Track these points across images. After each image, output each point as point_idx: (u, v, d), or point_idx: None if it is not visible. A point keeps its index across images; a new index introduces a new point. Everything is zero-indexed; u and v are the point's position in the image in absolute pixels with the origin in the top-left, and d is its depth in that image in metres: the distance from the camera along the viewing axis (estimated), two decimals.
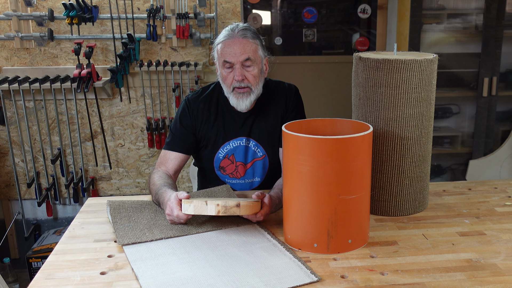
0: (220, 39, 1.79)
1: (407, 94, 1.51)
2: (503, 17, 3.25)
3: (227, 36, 1.77)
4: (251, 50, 1.76)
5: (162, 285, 1.17)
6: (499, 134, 3.57)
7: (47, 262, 1.31)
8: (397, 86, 1.51)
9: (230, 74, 1.78)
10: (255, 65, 1.78)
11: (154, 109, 3.21)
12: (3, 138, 3.18)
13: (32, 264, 2.94)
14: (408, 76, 1.50)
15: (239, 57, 1.74)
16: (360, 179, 1.32)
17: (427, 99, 1.55)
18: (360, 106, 1.61)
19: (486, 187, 1.85)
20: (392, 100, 1.52)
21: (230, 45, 1.75)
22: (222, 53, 1.77)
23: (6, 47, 3.07)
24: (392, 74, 1.50)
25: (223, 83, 1.82)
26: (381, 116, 1.55)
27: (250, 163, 1.91)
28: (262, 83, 1.84)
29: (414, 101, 1.52)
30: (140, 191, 3.34)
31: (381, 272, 1.23)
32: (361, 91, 1.60)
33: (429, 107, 1.57)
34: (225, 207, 1.39)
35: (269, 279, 1.19)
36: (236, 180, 1.92)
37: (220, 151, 1.89)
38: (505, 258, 1.29)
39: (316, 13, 3.79)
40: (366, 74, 1.56)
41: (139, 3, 3.07)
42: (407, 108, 1.52)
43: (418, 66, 1.50)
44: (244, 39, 1.76)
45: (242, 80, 1.76)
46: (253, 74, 1.78)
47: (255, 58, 1.77)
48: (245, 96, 1.79)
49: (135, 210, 1.59)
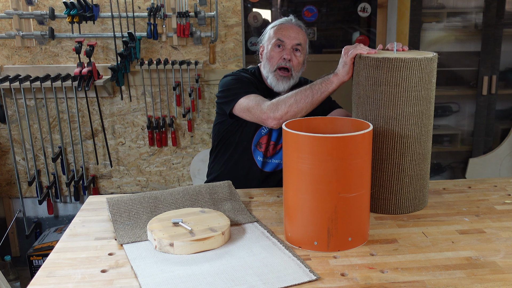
0: (277, 22, 1.98)
1: (407, 92, 1.51)
2: (503, 16, 3.25)
3: (284, 21, 1.97)
4: (303, 38, 1.95)
5: (161, 283, 1.18)
6: (498, 133, 3.58)
7: (48, 260, 1.31)
8: (397, 85, 1.51)
9: (279, 53, 1.92)
10: (302, 53, 1.95)
11: (155, 108, 3.21)
12: (4, 136, 3.19)
13: (33, 262, 2.95)
14: (408, 74, 1.50)
15: (292, 40, 1.91)
16: (360, 177, 1.33)
17: (427, 97, 1.56)
18: (360, 105, 1.62)
19: (486, 185, 1.85)
20: (392, 98, 1.52)
21: (287, 28, 1.93)
22: (277, 33, 1.93)
23: (7, 46, 3.07)
24: (392, 72, 1.51)
25: (268, 62, 1.94)
26: (381, 115, 1.55)
27: (280, 145, 2.00)
28: (300, 73, 1.98)
29: (414, 99, 1.52)
30: (141, 189, 3.35)
31: (381, 270, 1.23)
32: (361, 90, 1.60)
33: (429, 105, 1.58)
34: (160, 243, 1.34)
35: (268, 277, 1.19)
36: (266, 159, 2.02)
37: (263, 126, 1.98)
38: (505, 256, 1.30)
39: (316, 12, 3.79)
40: (366, 73, 1.56)
41: (140, 1, 3.07)
42: (407, 107, 1.53)
43: (418, 64, 1.50)
44: (299, 28, 1.96)
45: (289, 60, 1.91)
46: (299, 60, 1.94)
47: (304, 47, 1.95)
48: (285, 80, 1.93)
49: (135, 203, 1.58)
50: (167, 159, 3.33)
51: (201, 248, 1.34)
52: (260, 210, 1.64)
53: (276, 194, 1.78)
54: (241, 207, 1.63)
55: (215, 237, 1.36)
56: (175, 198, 1.61)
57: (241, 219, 1.54)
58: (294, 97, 1.71)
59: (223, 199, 1.65)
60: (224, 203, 1.64)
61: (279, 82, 1.91)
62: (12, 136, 3.16)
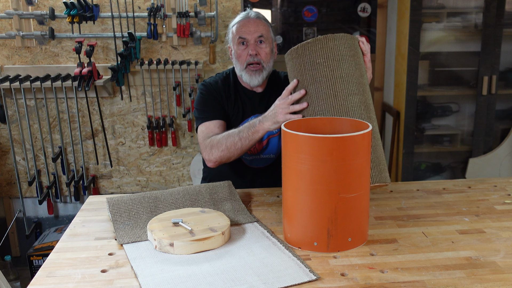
0: (236, 21, 1.99)
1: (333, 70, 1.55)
2: (503, 16, 3.25)
3: (242, 17, 1.97)
4: (264, 29, 1.94)
5: (161, 283, 1.18)
6: (498, 133, 3.58)
7: (48, 260, 1.32)
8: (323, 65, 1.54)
9: (244, 51, 1.93)
10: (267, 44, 1.94)
11: (155, 108, 3.21)
12: (5, 136, 3.19)
13: (33, 262, 2.95)
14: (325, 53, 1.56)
15: (253, 34, 1.91)
16: (360, 177, 1.33)
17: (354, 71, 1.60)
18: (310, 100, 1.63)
19: (486, 185, 1.85)
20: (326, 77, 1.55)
21: (246, 24, 1.93)
22: (237, 31, 1.94)
23: (7, 46, 3.07)
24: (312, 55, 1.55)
25: (237, 60, 1.96)
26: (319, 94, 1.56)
27: (265, 140, 2.00)
28: (272, 62, 1.99)
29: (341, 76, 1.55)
30: (141, 189, 3.35)
31: (381, 270, 1.23)
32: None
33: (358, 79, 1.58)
34: (160, 243, 1.35)
35: (268, 277, 1.19)
36: (254, 156, 2.01)
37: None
38: (505, 256, 1.30)
39: (316, 12, 3.79)
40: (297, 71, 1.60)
41: (140, 1, 3.07)
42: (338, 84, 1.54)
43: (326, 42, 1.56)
44: (258, 20, 1.95)
45: (255, 55, 1.91)
46: (266, 52, 1.93)
47: (267, 37, 1.94)
48: (258, 73, 1.93)
49: (135, 203, 1.58)
50: (167, 159, 3.33)
51: (201, 248, 1.34)
52: (260, 210, 1.64)
53: (276, 194, 1.78)
54: (241, 207, 1.63)
55: (215, 237, 1.36)
56: (175, 198, 1.61)
57: (241, 219, 1.54)
58: (225, 143, 1.78)
59: (223, 199, 1.65)
60: (224, 203, 1.64)
61: (252, 77, 1.93)
62: (12, 136, 3.16)
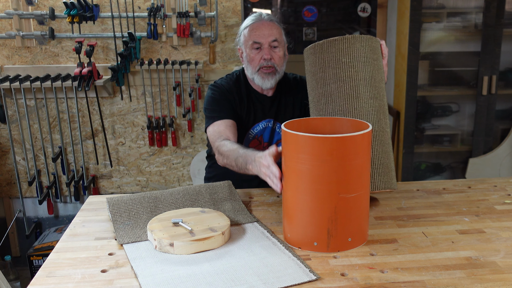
0: (248, 23, 1.93)
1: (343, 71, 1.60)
2: (503, 16, 3.25)
3: (254, 19, 1.92)
4: (278, 32, 1.91)
5: (161, 283, 1.18)
6: (498, 133, 3.58)
7: (48, 260, 1.32)
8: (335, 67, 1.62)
9: (258, 54, 1.90)
10: (280, 47, 1.92)
11: (155, 108, 3.21)
12: (5, 136, 3.19)
13: (33, 262, 2.95)
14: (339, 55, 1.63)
15: (267, 37, 1.88)
16: (360, 177, 1.33)
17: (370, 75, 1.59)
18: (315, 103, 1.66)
19: (486, 185, 1.85)
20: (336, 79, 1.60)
21: (259, 27, 1.89)
22: (250, 35, 1.90)
23: (7, 46, 3.07)
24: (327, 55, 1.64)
25: (249, 64, 1.92)
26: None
27: (275, 144, 1.97)
28: (284, 66, 1.96)
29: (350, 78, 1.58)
30: (141, 189, 3.35)
31: (381, 270, 1.23)
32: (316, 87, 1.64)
33: (374, 83, 1.59)
34: (160, 243, 1.35)
35: (268, 277, 1.19)
36: None
37: (250, 132, 1.99)
38: (505, 256, 1.30)
39: (316, 12, 3.79)
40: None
41: (140, 1, 3.07)
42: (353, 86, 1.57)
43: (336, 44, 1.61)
44: (271, 23, 1.91)
45: (270, 59, 1.89)
46: (279, 55, 1.91)
47: (280, 41, 1.91)
48: (270, 76, 1.91)
49: (135, 203, 1.58)
50: (167, 159, 3.33)
51: (201, 248, 1.34)
52: (260, 210, 1.64)
53: (276, 194, 1.78)
54: (241, 207, 1.63)
55: (215, 237, 1.36)
56: (175, 198, 1.61)
57: (241, 219, 1.54)
58: (227, 159, 1.72)
59: (223, 199, 1.65)
60: (224, 203, 1.64)
61: (264, 79, 1.92)
62: (12, 136, 3.16)
